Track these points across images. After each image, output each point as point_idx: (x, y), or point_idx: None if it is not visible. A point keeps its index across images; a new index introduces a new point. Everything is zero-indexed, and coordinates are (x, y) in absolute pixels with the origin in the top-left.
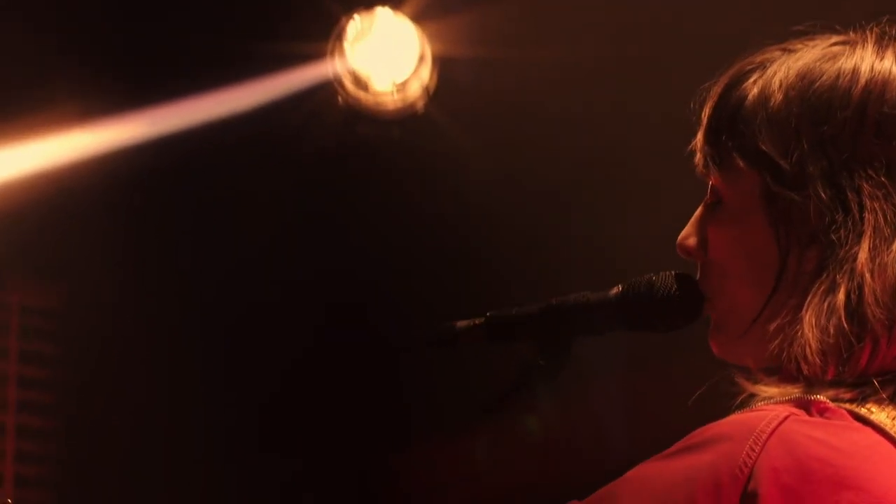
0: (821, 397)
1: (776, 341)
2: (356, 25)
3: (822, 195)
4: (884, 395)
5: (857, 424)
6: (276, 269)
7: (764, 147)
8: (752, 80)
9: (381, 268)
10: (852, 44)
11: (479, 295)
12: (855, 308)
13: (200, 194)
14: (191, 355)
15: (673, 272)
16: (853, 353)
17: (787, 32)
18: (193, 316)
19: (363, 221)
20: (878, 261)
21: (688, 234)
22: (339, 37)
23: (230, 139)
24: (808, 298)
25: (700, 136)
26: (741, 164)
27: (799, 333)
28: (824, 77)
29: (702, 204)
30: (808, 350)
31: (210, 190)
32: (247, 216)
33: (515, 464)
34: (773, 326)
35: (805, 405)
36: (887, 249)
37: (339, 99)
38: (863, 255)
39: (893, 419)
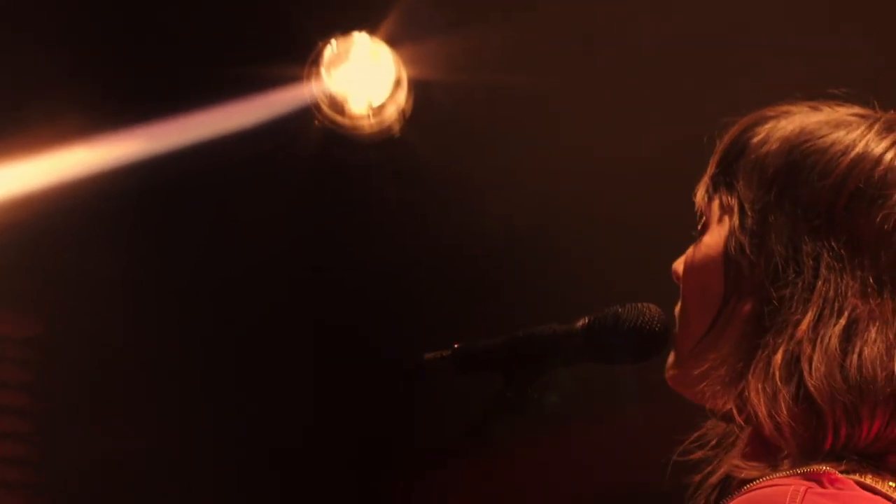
0: (827, 468)
1: (718, 395)
2: (332, 50)
3: (777, 249)
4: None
5: (867, 494)
6: (255, 291)
7: (740, 190)
8: (766, 126)
9: (359, 290)
10: (866, 118)
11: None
12: (797, 379)
13: (178, 219)
14: (175, 381)
15: (640, 304)
16: (815, 430)
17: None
18: (177, 342)
19: (340, 244)
20: (819, 333)
21: (678, 261)
22: (316, 61)
23: (206, 163)
24: (752, 362)
25: (709, 169)
26: (723, 201)
27: (750, 395)
28: (820, 140)
29: None
30: (764, 420)
31: (188, 214)
32: (226, 239)
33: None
34: (704, 368)
35: (816, 477)
36: (833, 324)
37: (316, 122)
38: (805, 323)
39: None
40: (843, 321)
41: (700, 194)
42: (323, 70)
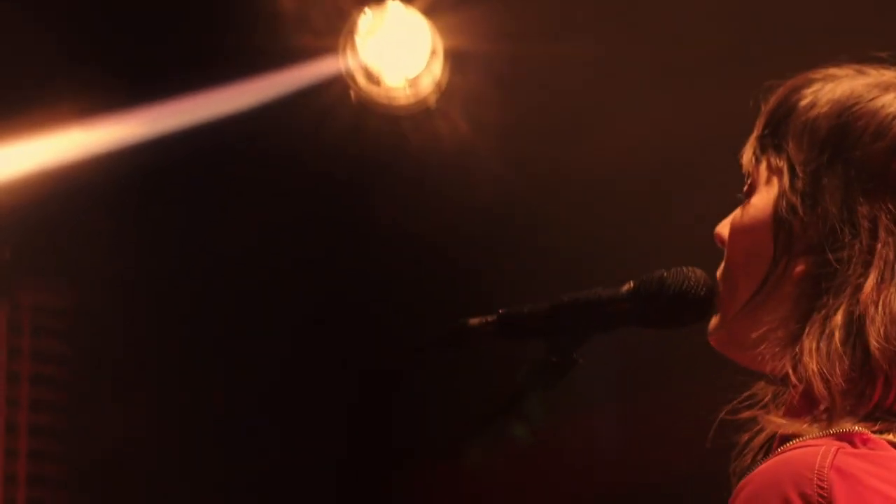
0: (859, 428)
1: (777, 357)
2: (367, 20)
3: (831, 210)
4: None
5: None
6: (284, 266)
7: (790, 151)
8: (812, 88)
9: (396, 263)
10: None
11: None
12: (856, 339)
13: (209, 192)
14: (201, 353)
15: (684, 268)
16: (862, 389)
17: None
18: (202, 313)
19: (375, 218)
20: (882, 295)
21: (722, 225)
22: (351, 31)
23: (241, 135)
24: (807, 323)
25: (755, 131)
26: (771, 163)
27: (802, 355)
28: (870, 103)
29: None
30: (814, 379)
31: (219, 187)
32: (256, 213)
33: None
34: (762, 331)
35: (847, 437)
36: (893, 286)
37: (351, 94)
38: (869, 285)
39: None
40: None
41: (747, 156)
42: (357, 40)
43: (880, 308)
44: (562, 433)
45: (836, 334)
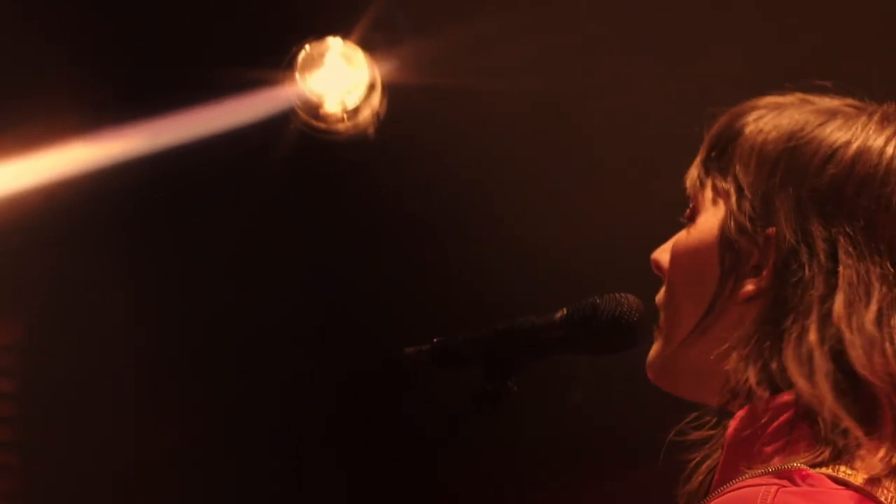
0: (798, 464)
1: (739, 373)
2: (307, 54)
3: (785, 232)
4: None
5: (837, 489)
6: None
7: (737, 174)
8: (757, 114)
9: (336, 291)
10: (862, 111)
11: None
12: (837, 362)
13: (155, 223)
14: (158, 387)
15: (617, 294)
16: (870, 416)
17: (812, 86)
18: (160, 346)
19: (316, 246)
20: (854, 318)
21: (660, 250)
22: (291, 65)
23: (184, 166)
24: (780, 341)
25: (698, 157)
26: (717, 186)
27: (785, 373)
28: (819, 129)
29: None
30: (810, 391)
31: (166, 218)
32: (204, 243)
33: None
34: (718, 352)
35: (787, 475)
36: (864, 309)
37: (291, 126)
38: (838, 306)
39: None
40: (873, 307)
41: (691, 179)
42: (298, 74)
43: (855, 332)
44: None
45: (815, 354)
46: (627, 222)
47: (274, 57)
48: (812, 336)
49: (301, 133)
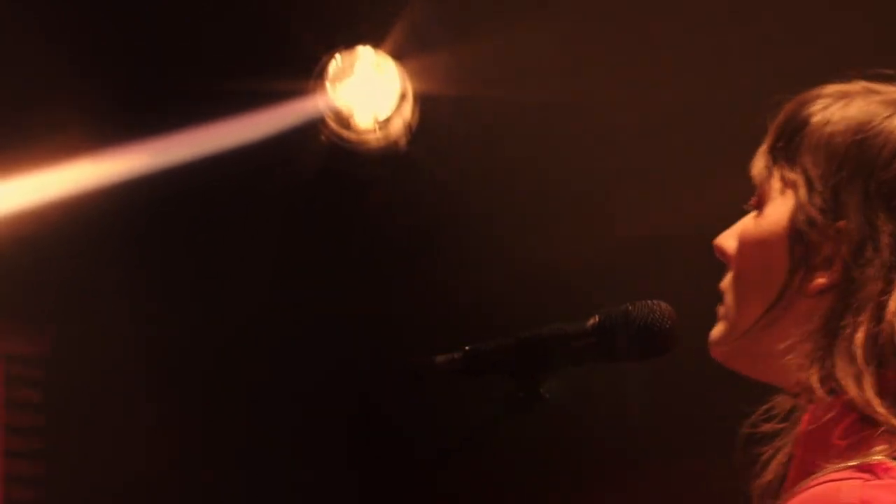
0: (879, 458)
1: (802, 369)
2: (337, 64)
3: (853, 226)
4: None
5: None
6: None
7: (806, 165)
8: (823, 104)
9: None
10: None
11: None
12: (881, 360)
13: (182, 235)
14: (182, 397)
15: (649, 301)
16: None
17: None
18: (182, 357)
19: (346, 258)
20: None
21: (724, 236)
22: (321, 75)
23: (212, 178)
24: (834, 340)
25: (763, 145)
26: (785, 177)
27: (833, 373)
28: (887, 121)
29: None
30: (856, 397)
31: (193, 230)
32: (230, 255)
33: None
34: (784, 344)
35: (868, 468)
36: None
37: (322, 137)
38: (893, 305)
39: None
40: None
41: (758, 167)
42: (328, 84)
43: None
44: None
45: (860, 354)
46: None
47: (304, 67)
48: (861, 334)
49: (331, 144)
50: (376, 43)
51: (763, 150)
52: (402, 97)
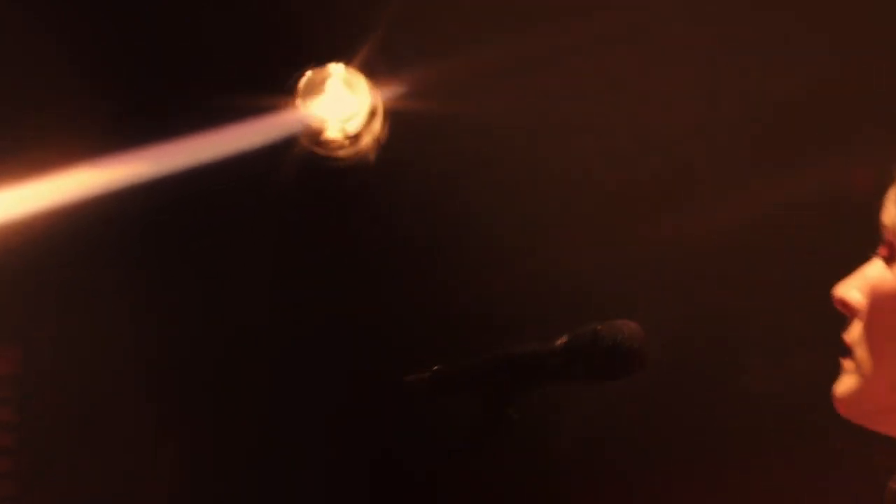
0: None
1: None
2: (309, 79)
3: None
4: None
5: None
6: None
7: None
8: None
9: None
10: None
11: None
12: None
13: (155, 251)
14: (156, 414)
15: (617, 321)
16: None
17: None
18: (156, 374)
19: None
20: None
21: (846, 287)
22: (292, 91)
23: (183, 193)
24: None
25: (893, 192)
26: None
27: None
28: None
29: (874, 258)
30: None
31: (173, 241)
32: (205, 271)
33: None
34: None
35: None
36: None
37: (294, 151)
38: None
39: None
40: None
41: (890, 216)
42: (299, 100)
43: None
44: None
45: None
46: (626, 249)
47: (276, 83)
48: None
49: (303, 159)
50: (347, 59)
51: (893, 197)
52: (373, 113)
